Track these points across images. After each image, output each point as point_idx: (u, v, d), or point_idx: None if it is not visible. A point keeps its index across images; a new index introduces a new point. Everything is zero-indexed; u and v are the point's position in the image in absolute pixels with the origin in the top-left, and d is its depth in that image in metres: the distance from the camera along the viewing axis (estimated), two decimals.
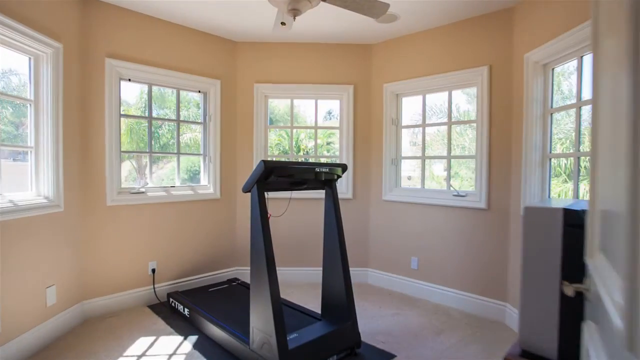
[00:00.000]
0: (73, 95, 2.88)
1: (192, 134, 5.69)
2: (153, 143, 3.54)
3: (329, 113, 7.30)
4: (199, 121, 3.93)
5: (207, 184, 3.90)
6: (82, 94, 2.99)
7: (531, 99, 2.80)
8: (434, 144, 3.57)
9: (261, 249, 2.14)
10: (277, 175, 2.18)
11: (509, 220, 3.14)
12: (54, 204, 2.67)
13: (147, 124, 3.51)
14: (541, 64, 2.73)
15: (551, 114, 2.74)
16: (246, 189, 2.24)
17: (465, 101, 3.83)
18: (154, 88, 3.53)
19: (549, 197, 2.76)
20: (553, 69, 2.72)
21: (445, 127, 3.65)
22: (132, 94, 4.04)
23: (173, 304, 3.21)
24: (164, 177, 5.25)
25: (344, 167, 2.62)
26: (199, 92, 3.81)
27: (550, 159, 2.76)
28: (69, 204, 2.82)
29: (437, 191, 3.67)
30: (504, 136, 3.17)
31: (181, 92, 3.74)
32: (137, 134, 4.97)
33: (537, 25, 2.74)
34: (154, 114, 3.70)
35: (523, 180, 2.87)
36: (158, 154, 3.97)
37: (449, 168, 3.61)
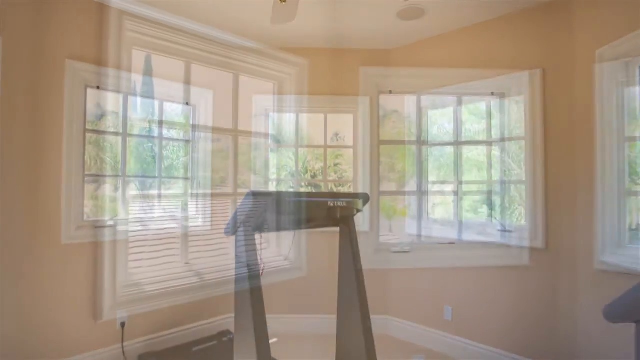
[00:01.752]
0: (19, 104, 2.27)
1: None
2: (157, 165, 2.98)
3: (336, 135, 6.77)
4: (186, 139, 3.31)
5: (195, 214, 3.25)
6: (32, 104, 2.37)
7: (607, 108, 2.15)
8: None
9: (249, 326, 1.44)
10: (274, 213, 1.52)
11: (576, 264, 2.42)
12: None
13: (150, 145, 2.95)
14: (622, 61, 2.09)
15: None
16: (230, 232, 1.58)
17: (473, 121, 3.22)
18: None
19: None
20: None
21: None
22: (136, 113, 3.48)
23: None
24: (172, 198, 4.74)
25: (365, 199, 1.96)
26: (187, 104, 3.20)
27: None
28: (4, 245, 2.17)
29: (476, 224, 2.97)
30: (566, 156, 2.49)
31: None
32: (140, 155, 4.53)
33: (612, 13, 2.11)
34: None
35: (599, 213, 2.18)
36: (138, 178, 3.36)
37: (490, 197, 2.93)
